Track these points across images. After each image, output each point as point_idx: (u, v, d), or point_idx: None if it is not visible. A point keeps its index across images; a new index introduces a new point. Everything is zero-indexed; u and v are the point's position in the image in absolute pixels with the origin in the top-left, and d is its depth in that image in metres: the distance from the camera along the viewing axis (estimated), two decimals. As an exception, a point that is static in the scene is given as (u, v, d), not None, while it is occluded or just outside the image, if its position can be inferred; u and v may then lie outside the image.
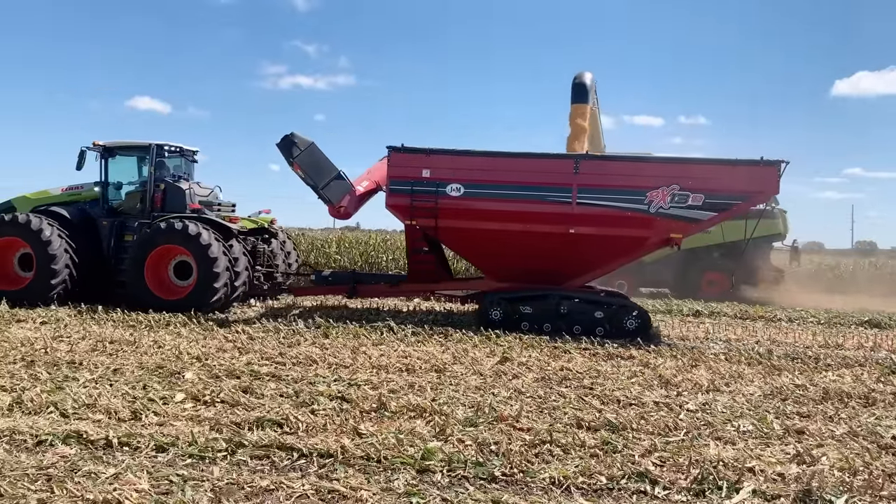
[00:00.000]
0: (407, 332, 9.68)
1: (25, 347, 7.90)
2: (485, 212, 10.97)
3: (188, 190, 12.47)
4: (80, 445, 4.72)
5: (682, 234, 10.75)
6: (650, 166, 11.19)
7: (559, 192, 10.77)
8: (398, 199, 11.16)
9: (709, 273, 18.40)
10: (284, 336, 9.31)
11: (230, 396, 6.02)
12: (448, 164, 11.10)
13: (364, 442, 4.90)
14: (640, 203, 10.59)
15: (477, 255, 12.09)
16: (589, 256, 11.12)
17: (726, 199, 10.58)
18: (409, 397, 6.14)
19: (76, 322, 9.84)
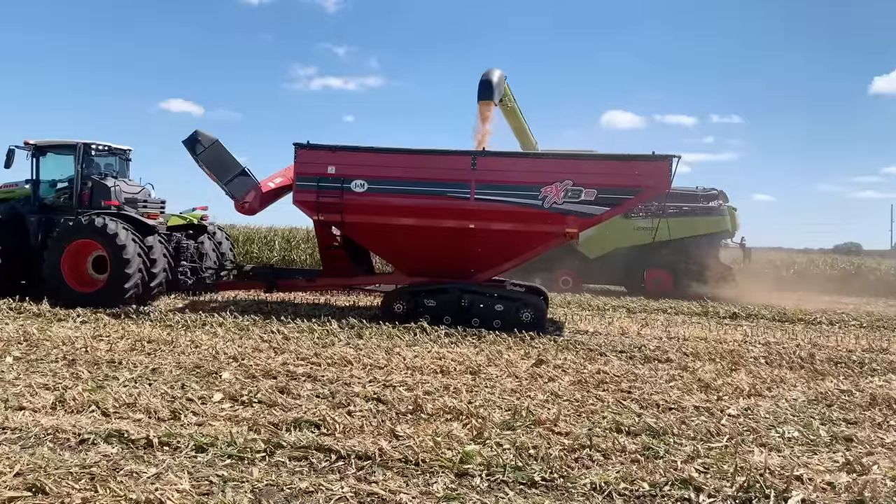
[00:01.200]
0: (440, 334, 9.66)
1: (67, 346, 8.03)
2: (388, 207, 11.17)
3: (113, 187, 12.73)
4: (122, 444, 4.76)
5: (576, 229, 10.92)
6: (544, 162, 11.44)
7: (458, 187, 11.01)
8: (305, 196, 11.41)
9: (653, 270, 18.51)
10: (319, 336, 9.34)
11: (267, 397, 6.04)
12: (352, 160, 11.34)
13: (401, 444, 4.88)
14: (534, 198, 10.78)
15: (385, 250, 12.40)
16: (490, 251, 11.32)
17: (619, 193, 10.75)
18: (444, 399, 6.10)
19: (115, 321, 9.99)
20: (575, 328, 11.11)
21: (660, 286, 18.20)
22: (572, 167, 10.97)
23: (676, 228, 18.16)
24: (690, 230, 18.29)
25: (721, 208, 18.67)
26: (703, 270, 18.32)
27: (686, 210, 18.61)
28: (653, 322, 12.35)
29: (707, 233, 18.37)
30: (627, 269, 18.84)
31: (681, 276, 18.36)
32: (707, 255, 18.43)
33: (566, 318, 12.34)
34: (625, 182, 10.74)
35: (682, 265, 18.35)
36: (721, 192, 19.11)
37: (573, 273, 18.81)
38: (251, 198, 11.98)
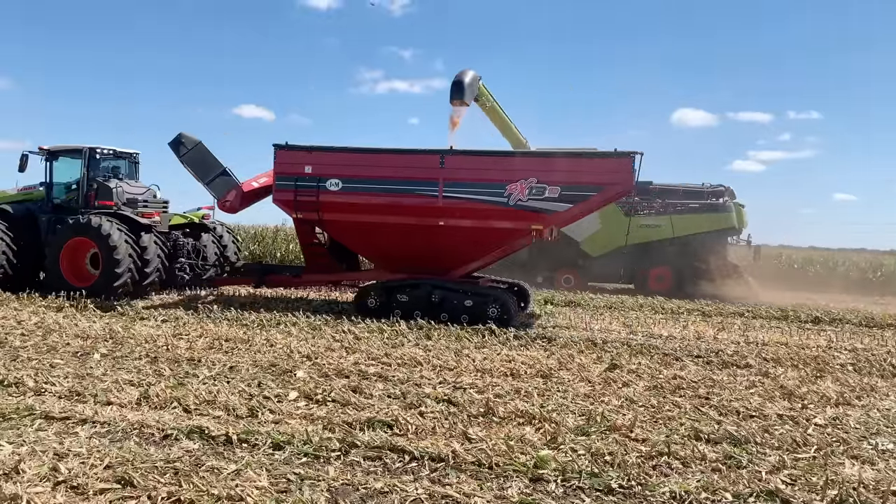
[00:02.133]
0: (509, 336, 9.59)
1: (149, 344, 8.34)
2: (361, 205, 11.52)
3: (115, 188, 13.43)
4: (203, 441, 4.90)
5: (542, 226, 10.97)
6: (509, 160, 11.78)
7: (427, 185, 11.27)
8: (284, 195, 11.87)
9: (656, 268, 18.13)
10: (388, 337, 9.41)
11: (341, 396, 6.12)
12: (327, 160, 11.72)
13: (474, 447, 4.84)
14: (500, 196, 10.99)
15: (362, 247, 12.73)
16: (460, 248, 11.52)
17: (582, 190, 10.90)
18: (516, 403, 6.04)
19: (194, 320, 10.32)
20: (648, 332, 10.83)
21: (661, 284, 17.83)
22: (536, 165, 11.25)
23: (680, 226, 17.82)
24: (694, 227, 17.89)
25: (726, 205, 18.19)
26: (707, 269, 17.77)
27: (690, 207, 18.25)
28: (729, 326, 11.93)
29: (712, 230, 17.90)
30: (630, 268, 18.53)
31: (683, 274, 17.93)
32: (712, 253, 17.88)
33: (638, 321, 12.06)
34: (588, 179, 10.90)
35: (685, 263, 17.90)
36: (728, 188, 18.61)
37: (575, 272, 18.61)
38: (232, 197, 12.57)
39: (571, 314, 12.65)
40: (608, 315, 12.85)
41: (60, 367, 6.99)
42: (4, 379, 6.31)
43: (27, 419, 5.23)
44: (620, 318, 12.50)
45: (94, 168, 13.80)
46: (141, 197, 13.95)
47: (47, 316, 10.21)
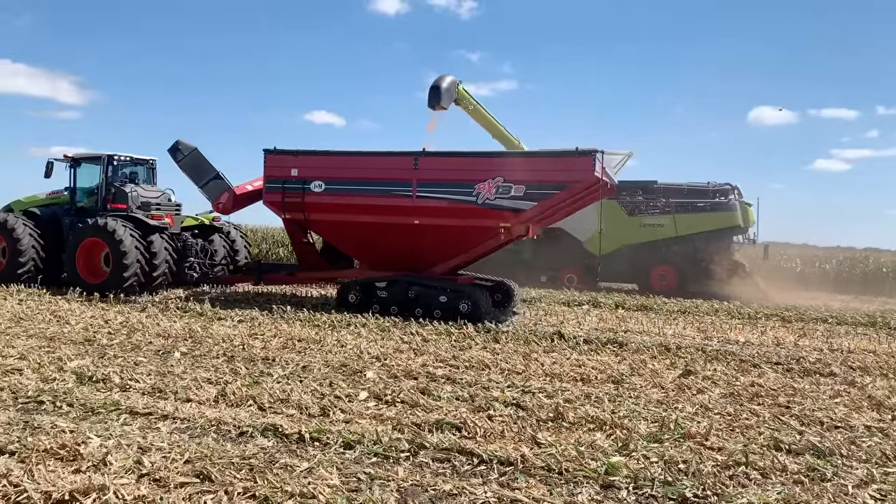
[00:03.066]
0: (579, 340, 9.45)
1: (226, 343, 8.62)
2: (343, 206, 12.19)
3: (130, 193, 14.43)
4: (277, 438, 5.03)
5: (509, 224, 11.44)
6: (477, 161, 11.97)
7: (402, 186, 11.84)
8: (273, 197, 12.66)
9: (659, 267, 18.19)
10: (456, 339, 9.43)
11: (409, 397, 6.16)
12: (312, 163, 12.44)
13: (543, 452, 4.79)
14: (469, 195, 11.49)
15: (347, 245, 13.38)
16: (435, 245, 12.08)
17: (546, 189, 11.32)
18: (586, 408, 5.95)
19: (269, 321, 10.61)
20: (724, 338, 10.48)
21: (664, 283, 17.88)
22: (502, 165, 11.69)
23: (683, 224, 17.83)
24: (698, 226, 17.86)
25: (730, 203, 17.99)
26: (710, 268, 17.61)
27: (693, 206, 18.19)
28: (811, 332, 11.43)
29: (715, 228, 17.78)
30: (634, 267, 18.46)
31: (686, 273, 17.86)
32: (716, 252, 17.71)
33: (713, 326, 11.69)
34: (551, 178, 11.36)
35: (688, 262, 17.85)
36: (734, 186, 18.37)
37: (578, 271, 18.80)
38: (224, 199, 13.52)
39: (644, 319, 12.37)
40: (681, 320, 12.51)
41: (143, 364, 7.31)
42: (93, 375, 6.64)
43: (113, 414, 5.48)
44: (694, 322, 12.15)
45: (113, 174, 14.82)
46: (154, 200, 14.91)
47: (132, 316, 10.70)
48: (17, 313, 10.55)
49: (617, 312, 13.25)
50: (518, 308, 13.26)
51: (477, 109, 16.88)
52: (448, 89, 15.35)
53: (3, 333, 8.91)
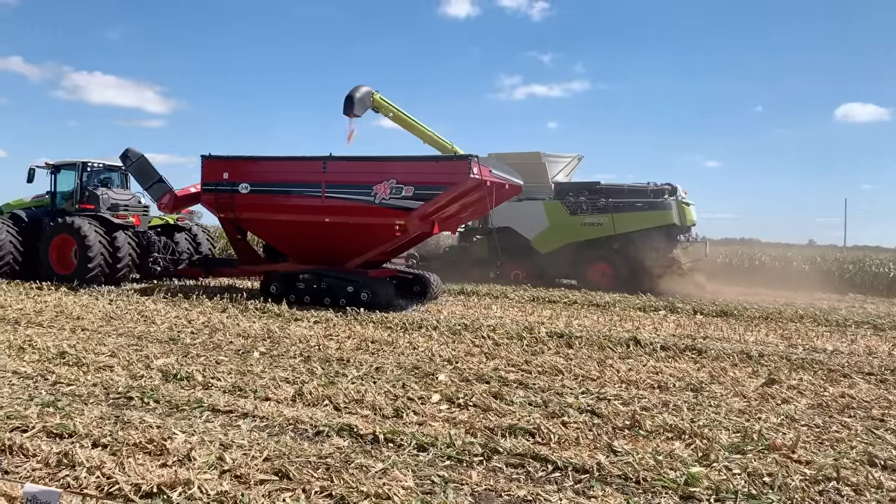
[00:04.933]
0: (656, 347, 9.21)
1: (302, 344, 8.82)
2: (266, 205, 13.65)
3: (102, 196, 16.24)
4: (352, 438, 5.09)
5: (403, 221, 12.60)
6: (374, 164, 13.19)
7: (313, 188, 13.17)
8: (208, 197, 14.19)
9: (597, 264, 19.01)
10: (528, 344, 9.35)
11: (482, 401, 6.14)
12: (240, 167, 13.93)
13: (620, 460, 4.68)
14: (368, 195, 12.79)
15: (273, 241, 14.90)
16: (344, 242, 13.32)
17: (430, 189, 12.49)
18: (664, 416, 5.78)
19: (342, 322, 10.80)
20: (810, 346, 10.01)
21: (603, 280, 18.58)
22: (395, 168, 12.85)
23: (620, 223, 18.63)
24: (634, 224, 18.61)
25: (665, 202, 18.59)
26: (647, 264, 18.23)
27: (630, 205, 18.89)
28: (906, 342, 10.76)
29: (651, 227, 18.44)
30: (575, 264, 19.28)
31: (622, 269, 18.62)
32: (652, 250, 18.34)
33: (798, 333, 11.17)
34: (433, 179, 12.56)
35: (625, 259, 18.62)
36: (673, 187, 18.96)
37: (523, 268, 19.72)
38: (166, 200, 15.11)
39: (723, 325, 11.95)
40: (763, 326, 12.02)
41: (224, 363, 7.55)
42: (178, 373, 6.91)
43: (196, 411, 5.69)
44: (778, 329, 11.66)
45: (88, 179, 16.66)
46: (124, 202, 16.73)
47: (213, 316, 11.09)
48: (107, 313, 11.09)
49: (695, 318, 12.85)
50: (440, 299, 14.69)
51: (398, 116, 18.02)
52: (361, 99, 16.76)
53: (96, 332, 9.38)
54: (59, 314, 10.82)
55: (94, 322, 10.15)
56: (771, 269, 25.11)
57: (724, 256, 27.92)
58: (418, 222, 12.85)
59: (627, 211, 18.75)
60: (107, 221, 15.54)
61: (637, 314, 13.25)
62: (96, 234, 15.05)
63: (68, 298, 12.72)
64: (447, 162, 12.88)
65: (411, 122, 18.40)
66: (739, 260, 27.23)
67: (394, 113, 17.89)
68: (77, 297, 13.07)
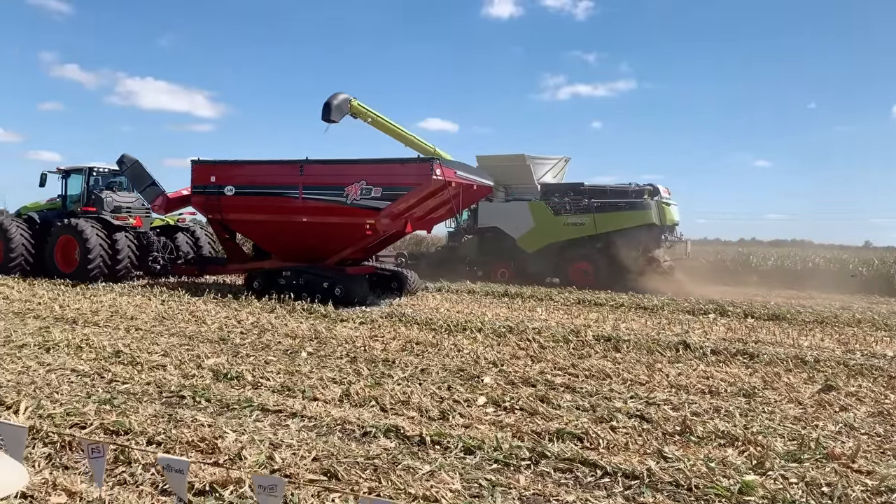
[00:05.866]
0: (706, 351, 9.01)
1: (348, 345, 8.90)
2: (248, 206, 14.46)
3: (106, 199, 17.16)
4: (398, 440, 5.11)
5: (373, 220, 13.30)
6: (346, 167, 13.85)
7: (292, 189, 13.92)
8: (197, 199, 15.10)
9: (579, 263, 19.35)
10: (574, 347, 9.25)
11: (528, 404, 6.10)
12: (225, 171, 14.75)
13: (671, 466, 4.59)
14: (341, 196, 13.50)
15: (258, 240, 15.94)
16: (321, 241, 14.02)
17: (397, 190, 13.18)
18: (715, 422, 5.66)
19: (387, 324, 10.85)
20: (869, 351, 9.66)
21: (584, 278, 18.90)
22: (364, 170, 13.52)
23: (602, 223, 19.07)
24: (614, 224, 19.00)
25: (645, 202, 18.98)
26: (626, 263, 18.57)
27: (611, 205, 19.30)
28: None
29: (630, 226, 18.80)
30: (558, 263, 19.67)
31: (602, 268, 19.00)
32: (632, 248, 18.67)
33: (855, 338, 10.79)
34: (399, 181, 13.22)
35: (605, 258, 18.99)
36: (655, 188, 19.39)
37: (508, 266, 20.16)
38: (159, 202, 16.09)
39: (776, 329, 11.63)
40: (818, 330, 11.65)
41: (273, 363, 7.66)
42: (228, 372, 7.04)
43: (246, 410, 5.78)
44: (834, 334, 11.28)
45: (94, 183, 17.74)
46: (126, 205, 17.54)
47: (261, 316, 11.26)
48: (160, 313, 11.37)
49: (746, 322, 12.53)
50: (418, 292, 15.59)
51: (376, 121, 18.66)
52: (339, 106, 17.49)
53: (149, 332, 9.63)
54: (114, 314, 11.13)
55: (147, 322, 10.41)
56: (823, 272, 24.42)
57: (777, 258, 27.26)
58: (388, 221, 13.53)
59: (609, 211, 19.21)
60: (107, 223, 16.53)
61: (686, 317, 12.99)
62: (96, 234, 15.96)
63: (122, 299, 13.08)
64: (411, 164, 13.44)
65: (390, 127, 19.02)
66: (792, 262, 26.50)
67: (372, 118, 18.58)
68: (131, 297, 13.44)
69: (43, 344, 8.33)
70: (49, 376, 6.76)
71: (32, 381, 6.56)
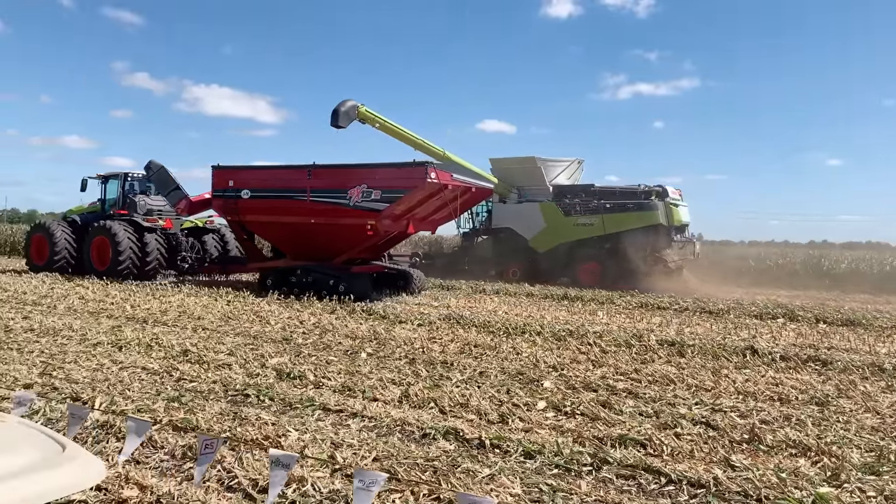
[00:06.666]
0: (775, 356, 8.70)
1: (407, 346, 8.95)
2: (263, 209, 15.54)
3: (139, 202, 18.60)
4: (458, 442, 5.10)
5: (374, 221, 14.09)
6: (349, 171, 14.79)
7: (301, 192, 14.87)
8: (217, 202, 16.34)
9: (587, 263, 19.66)
10: (637, 352, 9.06)
11: (589, 409, 6.00)
12: (242, 175, 15.93)
13: (739, 476, 4.44)
14: (344, 199, 14.35)
15: (272, 240, 17.28)
16: (328, 240, 14.91)
17: (394, 192, 13.94)
18: (786, 431, 5.44)
19: (446, 326, 10.88)
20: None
21: (592, 278, 19.14)
22: (365, 174, 14.35)
23: (610, 223, 19.48)
24: (623, 224, 19.41)
25: (652, 203, 19.29)
26: (633, 263, 18.79)
27: (619, 206, 19.70)
28: None
29: (637, 227, 19.10)
30: (567, 262, 19.92)
31: (609, 268, 19.22)
32: (640, 248, 18.89)
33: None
34: (397, 184, 13.95)
35: (612, 258, 19.28)
36: (663, 189, 19.70)
37: (520, 266, 20.49)
38: (182, 206, 17.28)
39: (850, 334, 11.13)
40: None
41: (334, 363, 7.77)
42: (291, 372, 7.17)
43: (308, 409, 5.87)
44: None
45: (129, 188, 19.15)
46: (157, 208, 18.85)
47: (322, 317, 11.45)
48: (225, 313, 11.69)
49: (818, 327, 12.05)
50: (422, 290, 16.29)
51: (385, 126, 19.06)
52: (346, 112, 17.96)
53: (215, 331, 9.90)
54: (182, 314, 11.50)
55: (213, 322, 10.72)
56: None
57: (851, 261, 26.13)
58: (388, 222, 14.38)
59: (617, 212, 19.65)
60: (138, 224, 17.92)
61: (753, 322, 12.58)
62: (127, 235, 17.35)
63: (190, 299, 13.50)
64: (407, 168, 14.08)
65: (398, 131, 19.44)
66: (868, 265, 25.35)
67: (380, 123, 19.01)
68: (198, 297, 13.86)
69: (115, 342, 8.68)
70: (121, 374, 7.03)
71: (106, 377, 6.83)
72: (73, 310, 11.77)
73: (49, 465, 1.39)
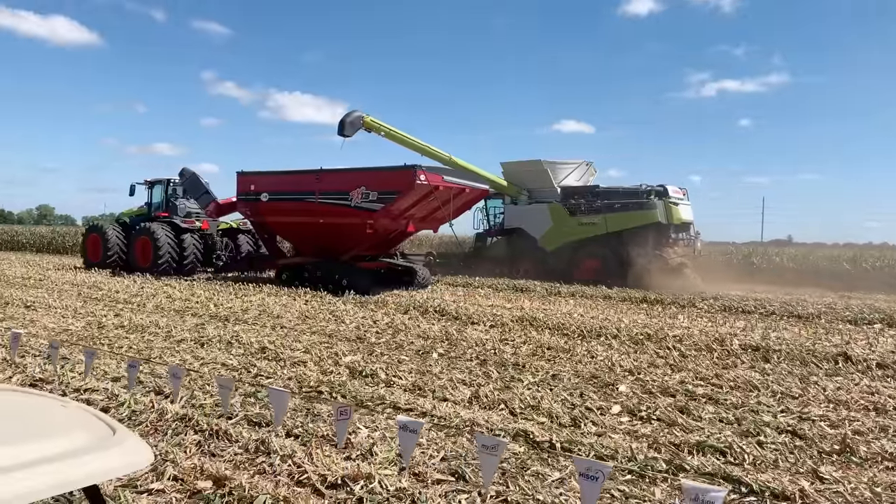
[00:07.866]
0: (871, 364, 8.17)
1: (479, 347, 8.89)
2: (279, 210, 17.02)
3: (179, 205, 20.64)
4: (527, 445, 5.00)
5: (372, 220, 15.27)
6: (351, 174, 16.06)
7: (310, 195, 16.30)
8: (242, 205, 18.05)
9: (588, 260, 20.26)
10: (718, 356, 8.70)
11: (666, 415, 5.78)
12: (262, 180, 17.44)
13: (828, 489, 4.18)
14: (347, 200, 15.68)
15: (289, 238, 19.09)
16: (335, 238, 16.19)
17: (389, 194, 15.11)
18: (882, 443, 5.09)
19: (518, 327, 10.76)
20: None
21: (594, 275, 19.52)
22: (364, 177, 15.62)
23: (612, 222, 20.06)
24: (624, 224, 19.94)
25: (651, 202, 19.72)
26: (633, 260, 19.08)
27: (621, 205, 20.20)
28: None
29: (637, 225, 19.62)
30: (571, 260, 20.51)
31: (610, 265, 19.65)
32: (638, 246, 19.20)
33: None
34: (390, 186, 15.12)
35: (613, 255, 19.72)
36: (664, 188, 20.04)
37: (529, 263, 21.21)
38: (211, 208, 19.27)
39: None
40: None
41: (406, 363, 7.80)
42: (363, 370, 7.24)
43: (379, 407, 5.90)
44: None
45: (172, 192, 21.03)
46: (195, 211, 20.59)
47: (395, 317, 11.54)
48: (303, 312, 11.95)
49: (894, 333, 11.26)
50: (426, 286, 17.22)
51: (390, 134, 19.88)
52: (352, 122, 18.89)
53: (293, 329, 10.13)
54: (262, 313, 11.83)
55: (291, 320, 10.97)
56: None
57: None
58: (386, 222, 15.73)
59: (618, 211, 20.21)
60: (177, 226, 19.89)
61: (846, 327, 11.87)
62: (166, 236, 19.27)
63: (270, 299, 13.89)
64: (398, 171, 15.08)
65: (403, 139, 20.16)
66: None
67: (386, 131, 19.86)
68: (278, 297, 14.25)
69: (198, 339, 9.00)
70: (202, 369, 7.27)
71: (188, 372, 7.08)
72: (161, 308, 12.31)
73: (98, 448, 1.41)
